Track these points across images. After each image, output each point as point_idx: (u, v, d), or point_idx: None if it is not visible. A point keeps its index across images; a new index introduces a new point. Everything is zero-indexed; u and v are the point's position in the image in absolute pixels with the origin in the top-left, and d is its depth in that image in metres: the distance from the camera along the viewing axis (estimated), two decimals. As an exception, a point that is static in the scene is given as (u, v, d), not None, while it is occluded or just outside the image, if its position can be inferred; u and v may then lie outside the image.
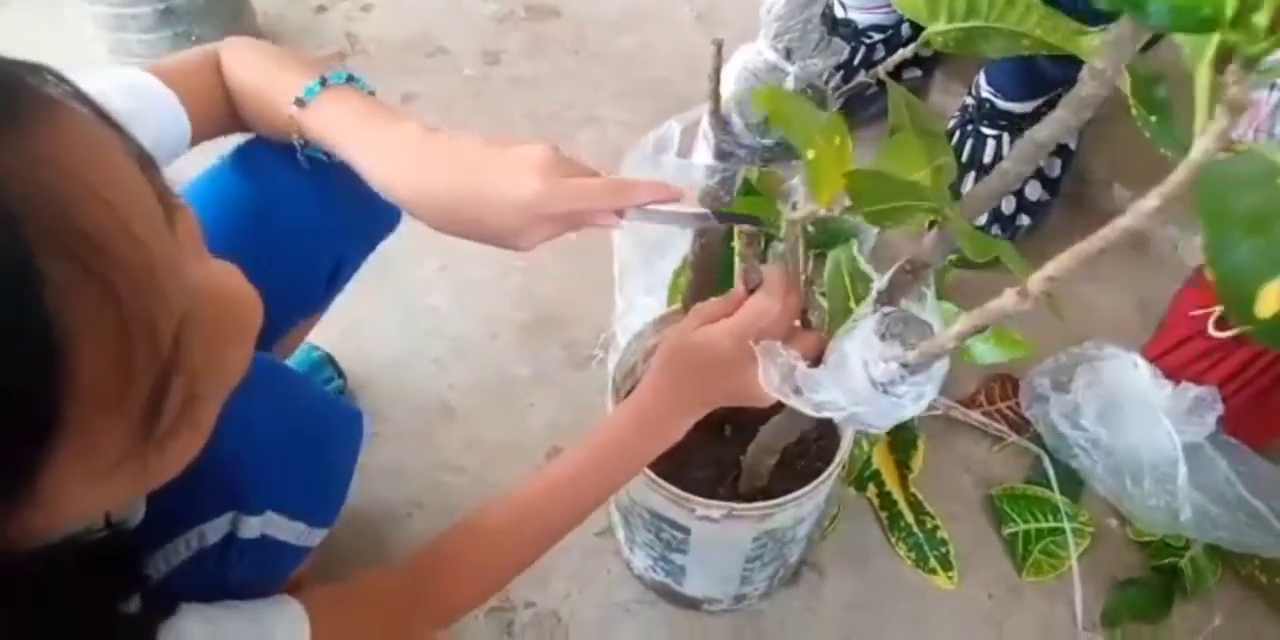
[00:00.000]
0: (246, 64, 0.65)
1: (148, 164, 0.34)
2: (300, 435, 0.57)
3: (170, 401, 0.34)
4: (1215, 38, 0.25)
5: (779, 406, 0.61)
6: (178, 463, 0.37)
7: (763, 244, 1.07)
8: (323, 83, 0.62)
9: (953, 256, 0.60)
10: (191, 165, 0.68)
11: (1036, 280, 0.34)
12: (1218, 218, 0.23)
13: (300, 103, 0.61)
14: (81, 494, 0.34)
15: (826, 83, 0.62)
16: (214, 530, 0.55)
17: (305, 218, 0.71)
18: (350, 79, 0.64)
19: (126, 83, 0.59)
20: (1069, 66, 1.15)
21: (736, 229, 0.63)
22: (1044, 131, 0.40)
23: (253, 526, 0.56)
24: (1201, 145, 0.26)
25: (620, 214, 0.59)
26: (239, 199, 0.70)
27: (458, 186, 0.58)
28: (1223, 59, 0.25)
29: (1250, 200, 0.23)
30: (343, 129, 0.61)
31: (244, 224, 0.69)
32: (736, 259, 0.63)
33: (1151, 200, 0.28)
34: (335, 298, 0.85)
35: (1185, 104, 0.30)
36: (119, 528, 0.49)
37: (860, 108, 1.30)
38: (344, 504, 0.65)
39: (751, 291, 0.62)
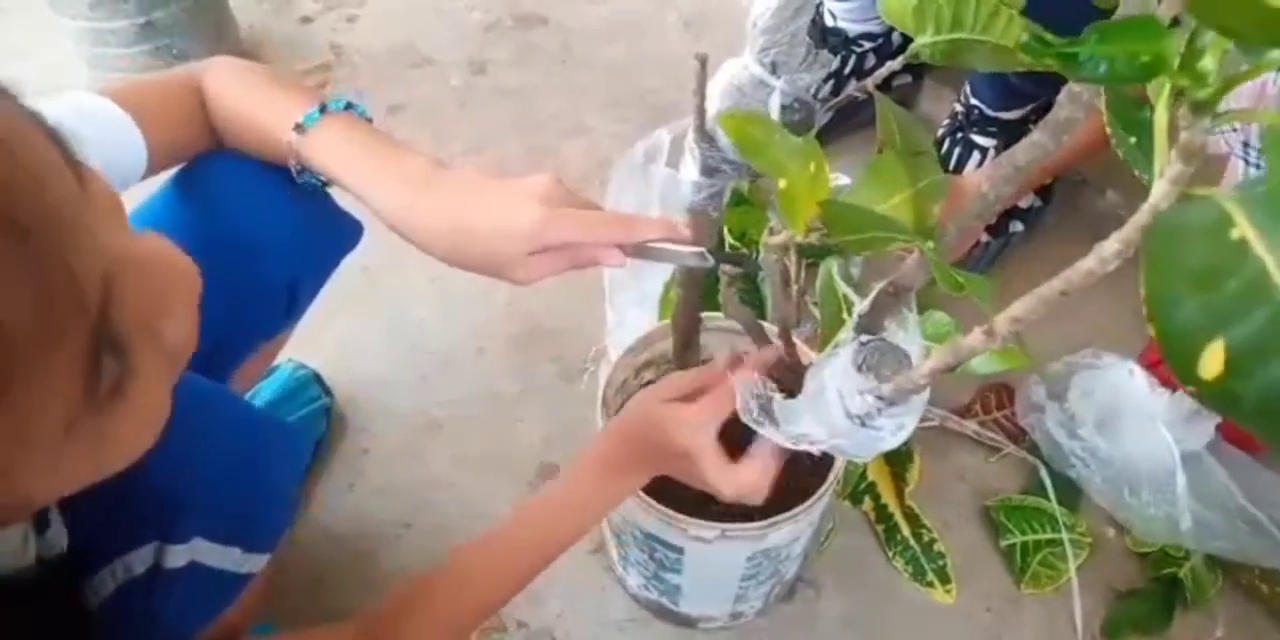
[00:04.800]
0: (236, 87, 0.64)
1: (53, 134, 0.34)
2: (228, 457, 0.56)
3: (107, 364, 0.34)
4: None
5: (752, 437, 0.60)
6: (133, 440, 0.37)
7: (754, 255, 1.06)
8: (323, 110, 0.62)
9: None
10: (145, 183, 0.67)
11: (1003, 320, 0.33)
12: (1164, 271, 0.21)
13: (300, 129, 0.61)
14: (38, 462, 0.33)
15: (814, 95, 0.61)
16: (138, 560, 0.53)
17: (261, 235, 0.69)
18: (349, 106, 0.64)
19: (79, 106, 0.58)
20: (1042, 82, 1.14)
21: (720, 269, 0.62)
22: (1023, 155, 0.39)
23: (179, 555, 0.54)
24: (1160, 190, 0.25)
25: (625, 251, 0.58)
26: (191, 217, 0.68)
27: (460, 215, 0.58)
28: (1178, 100, 0.23)
29: (1199, 254, 0.21)
30: (347, 159, 0.61)
31: (196, 243, 0.67)
32: (721, 297, 0.62)
33: (1113, 244, 0.27)
34: (298, 321, 0.83)
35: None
36: (45, 560, 0.47)
37: (849, 114, 1.30)
38: (287, 526, 0.64)
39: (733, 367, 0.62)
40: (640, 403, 0.65)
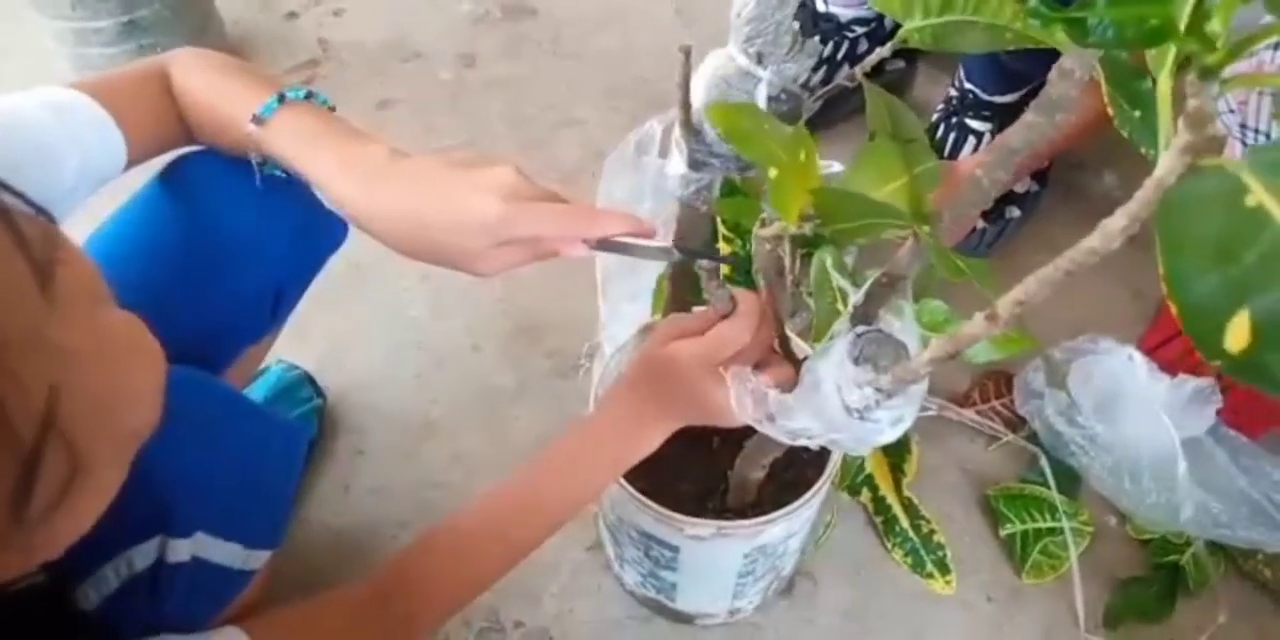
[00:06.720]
0: (198, 79, 0.62)
1: (24, 218, 0.31)
2: (228, 453, 0.56)
3: (45, 480, 0.31)
4: (1174, 47, 0.23)
5: None
6: (76, 529, 0.35)
7: (746, 246, 1.05)
8: (281, 99, 0.60)
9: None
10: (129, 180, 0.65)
11: (1006, 304, 0.32)
12: (1179, 246, 0.21)
13: (258, 120, 0.59)
14: None
15: (804, 83, 0.59)
16: (141, 556, 0.53)
17: (244, 238, 0.68)
18: (309, 95, 0.62)
19: (53, 102, 0.56)
20: (1036, 64, 1.12)
21: (697, 264, 0.61)
22: (1017, 137, 0.38)
23: (182, 550, 0.53)
24: (1166, 162, 0.24)
25: (589, 244, 0.57)
26: (174, 222, 0.67)
27: (419, 208, 0.56)
28: (1183, 68, 0.23)
29: (1216, 225, 0.20)
30: (302, 149, 0.59)
31: (178, 247, 0.66)
32: (703, 290, 0.61)
33: (1119, 219, 0.26)
34: (284, 323, 0.81)
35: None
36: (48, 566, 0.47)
37: (841, 101, 1.28)
38: (287, 522, 0.63)
39: (725, 316, 0.60)
40: (640, 354, 0.63)
